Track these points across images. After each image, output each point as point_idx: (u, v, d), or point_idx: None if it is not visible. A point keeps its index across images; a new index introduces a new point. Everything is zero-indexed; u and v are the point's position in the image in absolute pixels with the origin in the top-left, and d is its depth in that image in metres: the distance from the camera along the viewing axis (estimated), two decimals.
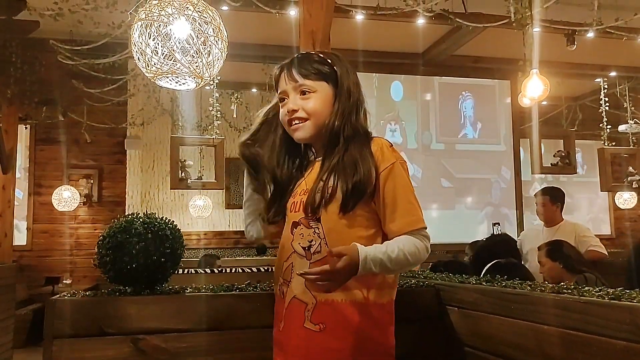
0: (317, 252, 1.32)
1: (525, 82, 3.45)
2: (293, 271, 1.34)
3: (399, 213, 1.32)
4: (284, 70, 1.43)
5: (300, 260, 1.34)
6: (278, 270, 1.40)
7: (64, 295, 1.44)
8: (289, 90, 1.41)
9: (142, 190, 7.41)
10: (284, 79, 1.42)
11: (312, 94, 1.39)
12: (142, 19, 2.00)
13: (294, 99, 1.40)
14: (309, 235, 1.33)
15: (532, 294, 1.30)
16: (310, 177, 1.40)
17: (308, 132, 1.40)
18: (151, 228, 1.43)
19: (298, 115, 1.39)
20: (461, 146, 7.15)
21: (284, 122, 1.43)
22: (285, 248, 1.39)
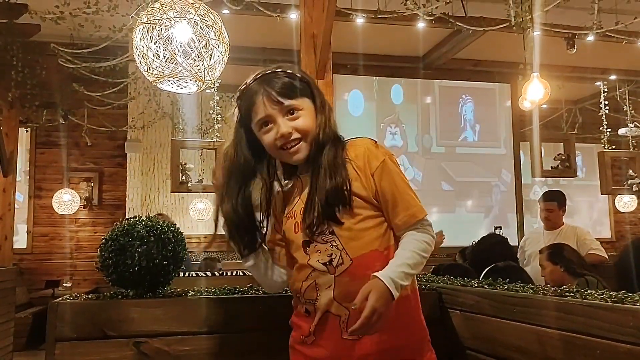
0: (340, 265, 1.30)
1: (526, 86, 3.45)
2: (318, 289, 1.32)
3: (401, 207, 1.33)
4: (257, 94, 1.35)
5: (323, 276, 1.31)
6: (296, 292, 1.38)
7: (66, 299, 1.44)
8: (274, 114, 1.33)
9: (143, 194, 7.41)
10: (263, 104, 1.34)
11: (299, 112, 1.34)
12: (144, 23, 2.01)
13: (283, 122, 1.33)
14: (327, 250, 1.31)
15: (534, 296, 1.30)
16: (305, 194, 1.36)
17: (305, 152, 1.35)
18: (153, 231, 1.43)
19: (293, 137, 1.34)
20: (461, 149, 7.15)
21: (274, 148, 1.36)
22: (302, 269, 1.35)
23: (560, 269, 3.01)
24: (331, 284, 1.30)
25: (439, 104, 7.12)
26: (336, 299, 1.29)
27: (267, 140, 1.35)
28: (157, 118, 6.68)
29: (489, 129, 7.21)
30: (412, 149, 6.99)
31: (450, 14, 4.73)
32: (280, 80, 1.35)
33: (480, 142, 7.18)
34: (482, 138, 7.18)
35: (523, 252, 4.06)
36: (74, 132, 6.85)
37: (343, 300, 1.29)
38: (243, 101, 1.40)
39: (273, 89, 1.34)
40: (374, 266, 1.28)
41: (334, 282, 1.30)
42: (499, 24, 4.61)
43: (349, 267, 1.30)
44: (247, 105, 1.37)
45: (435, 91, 7.11)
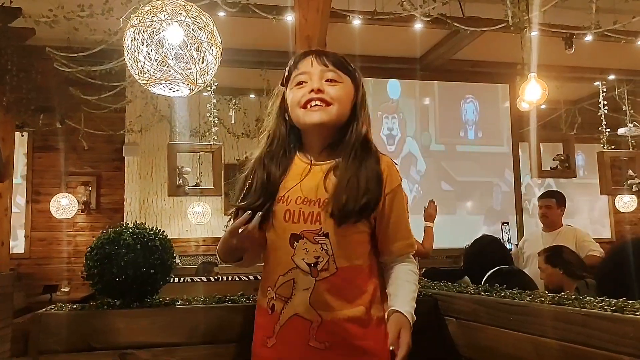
0: (324, 270, 1.27)
1: (524, 87, 3.42)
2: (295, 287, 1.27)
3: (401, 235, 1.34)
4: (310, 54, 1.35)
5: (304, 276, 1.27)
6: (269, 282, 1.31)
7: (51, 309, 1.41)
8: (314, 72, 1.32)
9: (141, 197, 7.40)
10: (310, 61, 1.33)
11: (338, 83, 1.32)
12: (135, 25, 1.98)
13: (319, 82, 1.31)
14: (315, 252, 1.26)
15: (531, 304, 1.26)
16: (307, 185, 1.31)
17: (328, 116, 1.30)
18: (140, 239, 1.40)
19: (322, 96, 1.30)
20: (462, 147, 7.08)
21: (298, 104, 1.31)
22: (282, 261, 1.29)
23: (560, 272, 2.98)
24: (310, 286, 1.26)
25: (439, 102, 7.05)
26: (311, 304, 1.25)
27: (294, 96, 1.33)
28: (155, 121, 6.65)
29: (491, 128, 7.14)
30: (410, 144, 6.91)
31: (447, 14, 4.70)
32: (333, 54, 1.37)
33: (482, 139, 7.11)
34: (484, 136, 7.11)
35: (521, 253, 4.04)
36: (71, 136, 6.81)
37: (318, 306, 1.26)
38: (293, 62, 1.38)
39: (324, 54, 1.35)
40: (355, 280, 1.28)
41: (314, 286, 1.26)
42: (496, 24, 4.58)
43: (332, 276, 1.27)
44: (294, 63, 1.36)
45: (434, 89, 7.05)
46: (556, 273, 2.97)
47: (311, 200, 1.29)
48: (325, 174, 1.31)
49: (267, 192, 1.30)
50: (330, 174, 1.31)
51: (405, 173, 6.76)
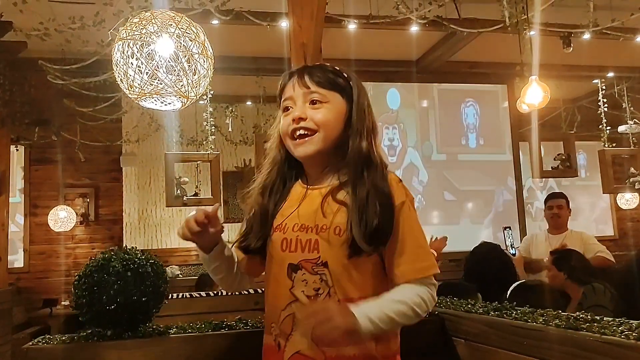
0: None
1: (525, 89, 3.37)
2: (295, 322, 1.17)
3: (406, 258, 1.18)
4: (293, 76, 1.27)
5: (304, 309, 1.16)
6: (273, 317, 1.22)
7: (38, 342, 1.34)
8: (296, 97, 1.24)
9: (140, 208, 7.34)
10: (292, 85, 1.25)
11: (323, 104, 1.22)
12: (123, 38, 1.92)
13: (302, 107, 1.23)
14: (315, 283, 1.16)
15: (546, 329, 1.18)
16: (304, 211, 1.22)
17: (314, 147, 1.21)
18: (130, 265, 1.33)
19: (305, 125, 1.21)
20: (464, 156, 7.02)
21: (286, 134, 1.25)
22: (281, 295, 1.20)
23: (563, 276, 2.95)
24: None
25: (439, 109, 7.00)
26: (314, 340, 1.13)
27: (283, 125, 1.26)
28: (152, 131, 6.62)
29: (492, 133, 7.09)
30: (412, 155, 6.86)
31: (443, 16, 4.66)
32: (320, 70, 1.27)
33: (483, 147, 7.05)
34: (485, 143, 7.06)
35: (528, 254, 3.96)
36: (68, 148, 6.76)
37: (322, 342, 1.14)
38: (280, 85, 1.32)
39: (307, 74, 1.26)
40: None
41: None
42: (493, 25, 4.54)
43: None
44: (280, 87, 1.30)
45: (434, 95, 7.00)
46: (560, 276, 2.94)
47: (308, 227, 1.19)
48: (323, 198, 1.22)
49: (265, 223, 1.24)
50: (329, 198, 1.21)
51: (407, 184, 6.66)
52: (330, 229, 1.17)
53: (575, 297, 2.83)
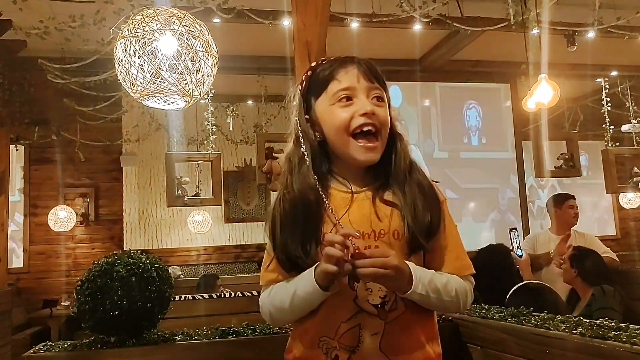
0: (393, 310, 1.12)
1: (534, 88, 3.33)
2: (362, 334, 1.10)
3: (450, 255, 1.17)
4: (353, 64, 1.16)
5: (371, 320, 1.11)
6: (324, 332, 1.13)
7: (39, 350, 1.30)
8: (360, 89, 1.14)
9: (140, 208, 7.31)
10: (355, 74, 1.15)
11: (383, 103, 1.17)
12: (126, 36, 1.88)
13: (368, 102, 1.14)
14: (380, 290, 1.11)
15: (570, 337, 1.12)
16: (355, 216, 1.13)
17: (379, 154, 1.15)
18: (135, 270, 1.29)
19: (373, 121, 1.13)
20: (466, 154, 6.98)
21: (343, 129, 1.13)
22: (343, 306, 1.12)
23: (573, 273, 2.93)
24: (379, 331, 1.11)
25: (441, 107, 6.97)
26: (382, 350, 1.10)
27: (338, 117, 1.13)
28: (152, 130, 6.58)
29: (494, 132, 7.05)
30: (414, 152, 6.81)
31: (446, 15, 4.62)
32: (372, 64, 1.20)
33: (486, 145, 7.01)
34: (488, 142, 7.02)
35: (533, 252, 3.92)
36: (68, 148, 6.72)
37: (391, 352, 1.11)
38: (321, 71, 1.18)
39: (367, 66, 1.17)
40: (421, 318, 1.13)
41: (384, 330, 1.11)
42: (497, 23, 4.50)
43: (402, 315, 1.12)
44: (327, 73, 1.16)
45: (436, 93, 6.96)
46: (570, 272, 2.93)
47: (365, 233, 1.12)
48: (371, 201, 1.15)
49: (309, 231, 1.12)
50: (377, 200, 1.15)
51: None
52: (389, 234, 1.13)
53: (585, 297, 2.80)
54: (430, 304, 1.13)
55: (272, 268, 1.18)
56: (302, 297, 1.10)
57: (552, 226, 4.03)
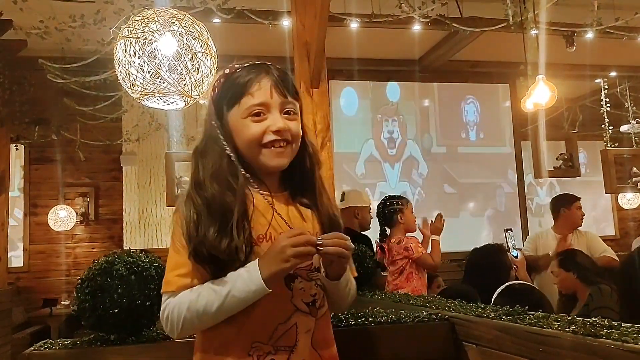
0: (321, 307, 1.19)
1: (532, 89, 3.35)
2: (298, 333, 1.14)
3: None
4: (267, 77, 1.18)
5: (305, 318, 1.15)
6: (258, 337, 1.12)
7: (40, 347, 1.31)
8: (272, 104, 1.16)
9: (140, 207, 7.31)
10: (266, 89, 1.16)
11: (295, 116, 1.20)
12: (125, 37, 1.90)
13: (280, 118, 1.17)
14: (311, 289, 1.17)
15: (563, 335, 1.14)
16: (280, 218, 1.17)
17: (289, 159, 1.20)
18: (134, 269, 1.31)
19: (284, 137, 1.17)
20: (464, 149, 7.00)
21: (255, 143, 1.16)
22: (280, 308, 1.14)
23: (573, 276, 2.91)
24: (311, 327, 1.16)
25: (439, 103, 6.98)
26: (313, 345, 1.16)
27: (251, 131, 1.15)
28: (152, 130, 6.58)
29: (492, 128, 7.07)
30: (412, 147, 6.83)
31: (446, 15, 4.64)
32: (286, 75, 1.21)
33: (484, 140, 7.03)
34: (486, 137, 7.04)
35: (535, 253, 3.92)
36: (68, 147, 6.72)
37: (319, 346, 1.17)
38: (235, 80, 1.19)
39: (282, 81, 1.19)
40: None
41: (314, 326, 1.17)
42: (496, 24, 4.52)
43: (326, 312, 1.21)
44: (240, 85, 1.17)
45: (434, 91, 6.98)
46: (570, 277, 2.91)
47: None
48: (293, 204, 1.22)
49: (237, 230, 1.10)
50: (297, 204, 1.22)
51: (407, 176, 6.71)
52: (315, 235, 1.15)
53: (582, 298, 2.81)
54: (342, 295, 1.22)
55: (185, 272, 1.14)
56: (239, 297, 1.07)
57: (556, 226, 4.01)
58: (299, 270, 1.15)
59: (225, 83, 1.21)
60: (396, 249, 3.43)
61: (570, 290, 2.93)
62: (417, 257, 3.38)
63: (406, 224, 3.52)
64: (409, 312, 1.55)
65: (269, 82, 1.17)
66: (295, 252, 1.05)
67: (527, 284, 2.70)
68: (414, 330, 1.29)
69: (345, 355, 1.25)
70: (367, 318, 1.54)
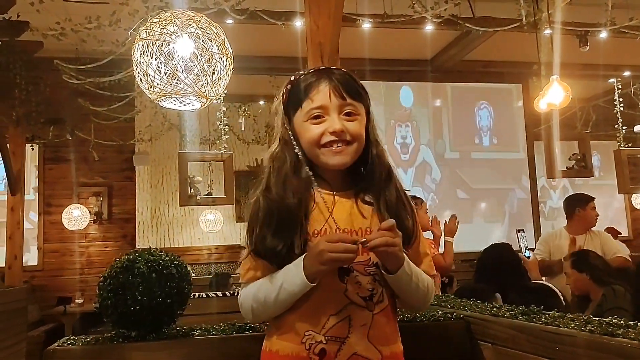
0: (380, 302, 1.20)
1: (546, 89, 3.33)
2: (352, 325, 1.17)
3: (422, 258, 1.29)
4: (326, 81, 1.23)
5: (360, 312, 1.17)
6: (310, 326, 1.18)
7: (63, 344, 1.34)
8: (332, 107, 1.22)
9: (152, 207, 7.36)
10: (326, 93, 1.22)
11: (356, 117, 1.24)
12: (144, 39, 1.92)
13: (338, 118, 1.21)
14: (369, 284, 1.19)
15: (579, 334, 1.15)
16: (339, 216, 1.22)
17: (350, 157, 1.23)
18: (155, 267, 1.33)
19: (343, 137, 1.21)
20: (477, 155, 6.97)
21: (315, 144, 1.22)
22: (332, 299, 1.18)
23: (586, 277, 2.90)
24: (368, 322, 1.18)
25: (452, 107, 6.96)
26: (370, 340, 1.17)
27: (311, 133, 1.22)
28: (164, 130, 6.63)
29: (506, 133, 7.03)
30: (425, 152, 6.83)
31: (458, 15, 4.63)
32: (350, 79, 1.26)
33: (497, 146, 7.00)
34: (499, 142, 7.01)
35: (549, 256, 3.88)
36: (82, 147, 6.79)
37: (378, 342, 1.18)
38: (298, 86, 1.26)
39: (341, 84, 1.23)
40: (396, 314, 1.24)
41: (371, 321, 1.18)
42: (509, 24, 4.50)
43: (387, 307, 1.21)
44: (303, 90, 1.24)
45: (447, 93, 6.96)
46: (583, 278, 2.89)
47: (351, 230, 1.21)
48: (354, 201, 1.25)
49: (294, 229, 1.18)
50: (359, 201, 1.25)
51: (420, 182, 6.71)
52: (374, 231, 1.19)
53: (595, 298, 2.79)
54: (409, 290, 1.22)
55: (252, 266, 1.25)
56: (289, 290, 1.16)
57: (569, 225, 3.95)
58: (356, 265, 1.19)
59: (291, 89, 1.28)
60: None
61: (583, 291, 2.92)
62: None
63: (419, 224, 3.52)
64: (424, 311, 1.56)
65: (327, 86, 1.23)
66: (331, 257, 1.11)
67: (544, 284, 2.69)
68: (429, 329, 1.30)
69: None
70: None
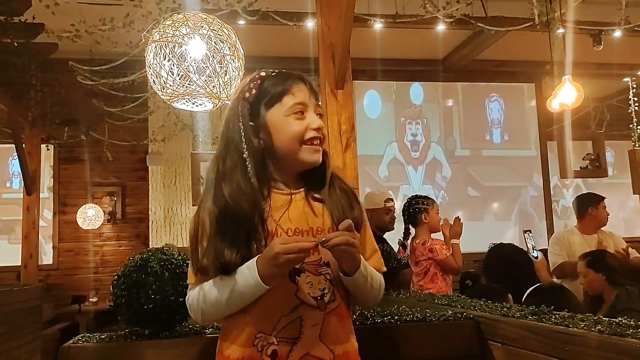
0: (331, 302, 1.21)
1: (558, 89, 3.32)
2: (303, 325, 1.17)
3: (370, 253, 1.30)
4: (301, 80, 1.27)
5: (312, 312, 1.18)
6: (261, 328, 1.18)
7: (78, 341, 1.37)
8: (310, 105, 1.26)
9: (165, 206, 7.41)
10: (306, 91, 1.26)
11: (322, 118, 1.30)
12: (156, 41, 1.95)
13: (317, 118, 1.26)
14: (320, 283, 1.20)
15: (589, 334, 1.15)
16: (293, 215, 1.22)
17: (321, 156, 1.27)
18: (168, 266, 1.35)
19: (320, 135, 1.25)
20: (488, 152, 6.94)
21: (297, 138, 1.23)
22: (283, 301, 1.18)
23: (602, 278, 2.87)
24: (319, 322, 1.18)
25: (463, 104, 6.94)
26: (322, 340, 1.18)
27: (294, 128, 1.23)
28: (177, 130, 6.68)
29: (517, 129, 6.99)
30: (435, 150, 6.81)
31: (470, 15, 4.62)
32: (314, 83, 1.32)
33: (508, 143, 6.96)
34: (510, 139, 6.97)
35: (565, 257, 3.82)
36: (96, 147, 6.86)
37: (330, 341, 1.19)
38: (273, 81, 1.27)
39: (311, 85, 1.29)
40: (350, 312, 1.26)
41: (323, 320, 1.19)
42: (521, 23, 4.49)
43: (339, 306, 1.22)
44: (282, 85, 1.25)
45: (458, 91, 6.94)
46: (598, 279, 2.87)
47: (303, 230, 1.22)
48: (304, 201, 1.25)
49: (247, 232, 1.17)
50: (310, 200, 1.26)
51: (430, 179, 6.69)
52: (325, 230, 1.22)
53: (609, 299, 2.78)
54: (364, 290, 1.24)
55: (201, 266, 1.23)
56: (243, 292, 1.15)
57: (581, 225, 3.88)
58: (307, 265, 1.19)
59: (262, 84, 1.28)
60: (420, 249, 3.43)
61: (597, 292, 2.89)
62: (441, 260, 3.37)
63: (430, 225, 3.52)
64: (434, 311, 1.57)
65: (304, 86, 1.27)
66: (287, 259, 1.10)
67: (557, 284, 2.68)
68: (439, 329, 1.31)
69: (371, 352, 1.27)
70: (393, 316, 1.56)
